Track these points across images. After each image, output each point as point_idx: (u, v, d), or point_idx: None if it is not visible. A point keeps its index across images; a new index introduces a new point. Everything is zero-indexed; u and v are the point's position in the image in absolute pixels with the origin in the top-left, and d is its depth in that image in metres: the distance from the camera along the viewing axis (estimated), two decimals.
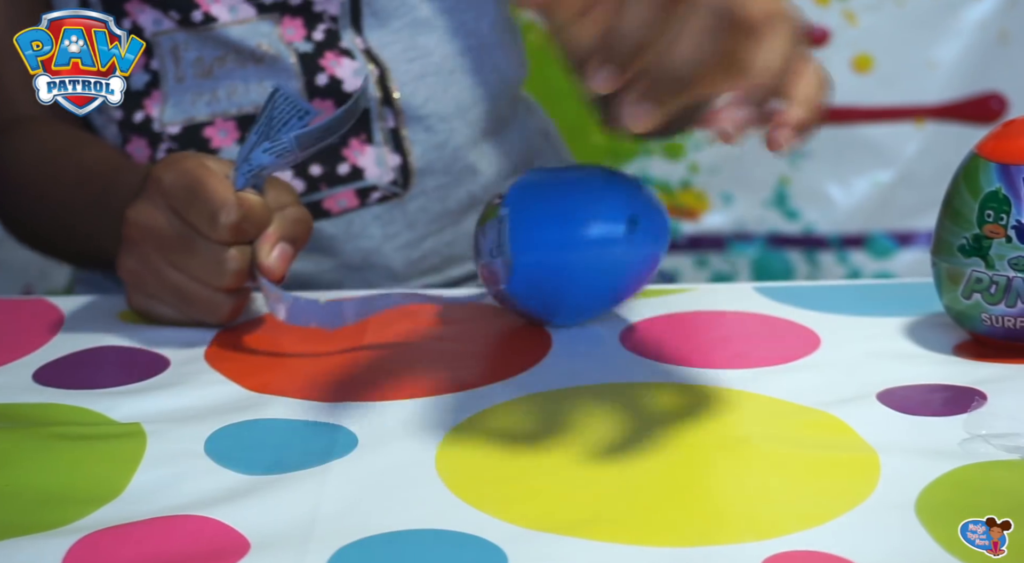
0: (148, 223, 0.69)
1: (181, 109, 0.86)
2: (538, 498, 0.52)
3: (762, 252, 1.62)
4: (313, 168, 0.87)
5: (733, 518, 0.50)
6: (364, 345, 0.69)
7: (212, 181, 0.67)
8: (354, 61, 0.86)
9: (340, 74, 0.86)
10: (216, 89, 0.86)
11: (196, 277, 0.69)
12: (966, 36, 1.54)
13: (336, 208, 0.88)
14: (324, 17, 0.86)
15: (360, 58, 0.86)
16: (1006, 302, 0.63)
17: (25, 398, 0.63)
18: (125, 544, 0.49)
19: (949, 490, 0.52)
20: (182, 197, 0.68)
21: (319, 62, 0.86)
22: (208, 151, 0.87)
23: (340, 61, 0.86)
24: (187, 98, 0.86)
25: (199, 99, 0.86)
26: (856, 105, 1.57)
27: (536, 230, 0.66)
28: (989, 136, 0.64)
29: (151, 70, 0.87)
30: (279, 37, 0.85)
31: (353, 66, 0.86)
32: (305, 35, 0.86)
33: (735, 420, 0.59)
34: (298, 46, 0.86)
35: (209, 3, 0.85)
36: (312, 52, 0.86)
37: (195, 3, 0.85)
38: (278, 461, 0.56)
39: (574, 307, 0.69)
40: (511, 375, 0.64)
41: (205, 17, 0.85)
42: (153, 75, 0.87)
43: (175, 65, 0.86)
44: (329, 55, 0.86)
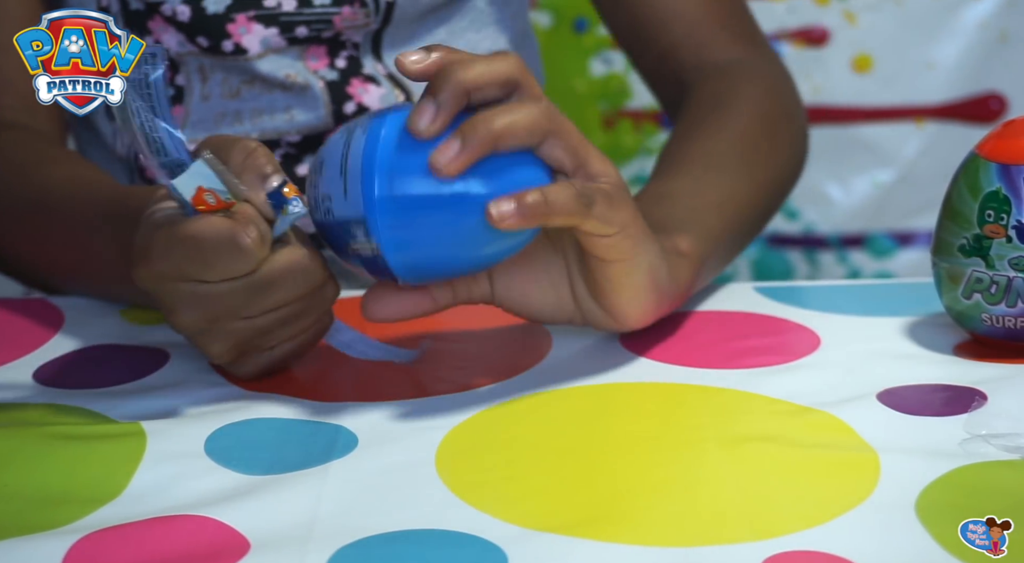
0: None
1: (204, 128, 0.86)
2: (538, 498, 0.52)
3: (762, 252, 1.62)
4: None
5: (733, 518, 0.50)
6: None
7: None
8: (380, 87, 0.86)
9: (367, 101, 0.86)
10: (241, 110, 0.86)
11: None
12: (966, 36, 1.54)
13: None
14: (347, 45, 0.86)
15: (385, 84, 0.86)
16: (1006, 302, 0.63)
17: (25, 398, 0.63)
18: (125, 544, 0.49)
19: (949, 490, 0.52)
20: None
21: (346, 90, 0.86)
22: None
23: (367, 88, 0.86)
24: (210, 118, 0.86)
25: (223, 120, 0.86)
26: (856, 105, 1.57)
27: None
28: (989, 136, 0.64)
29: (176, 85, 0.86)
30: (304, 66, 0.85)
31: (380, 92, 0.86)
32: (328, 63, 0.86)
33: (735, 420, 0.59)
34: (324, 74, 0.85)
35: (241, 34, 0.84)
36: (338, 80, 0.86)
37: (227, 32, 0.84)
38: (278, 461, 0.56)
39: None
40: (511, 375, 0.64)
41: (236, 48, 0.84)
42: (177, 90, 0.86)
43: (202, 83, 0.85)
44: (355, 82, 0.86)
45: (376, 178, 0.57)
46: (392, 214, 0.57)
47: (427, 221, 0.57)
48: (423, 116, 0.57)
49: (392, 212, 0.57)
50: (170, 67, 0.85)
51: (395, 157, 0.57)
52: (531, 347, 0.68)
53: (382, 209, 0.57)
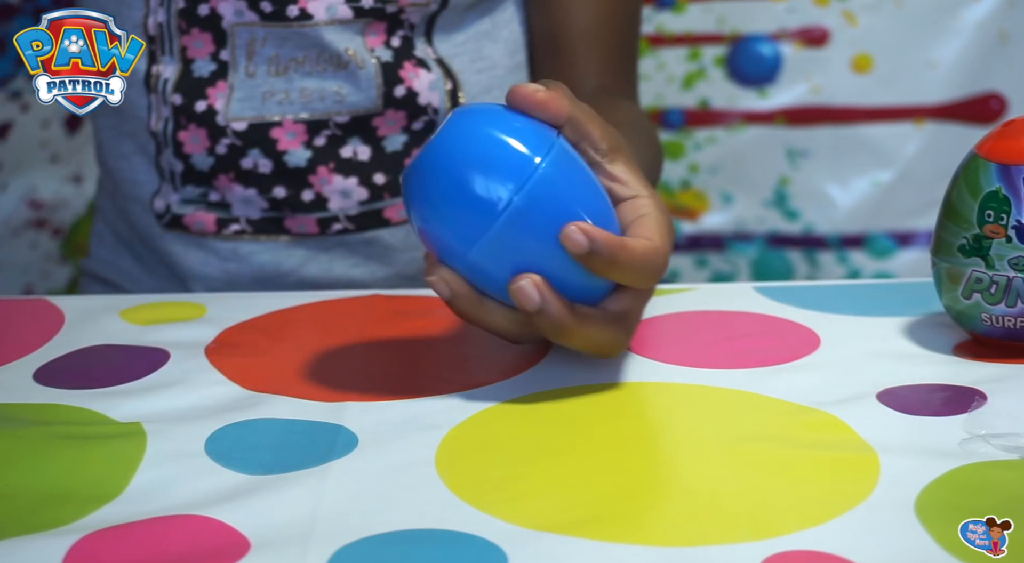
0: None
1: (250, 105, 0.86)
2: (538, 498, 0.52)
3: (762, 252, 1.62)
4: (377, 177, 0.87)
5: (733, 518, 0.50)
6: (364, 345, 0.69)
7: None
8: (430, 73, 0.87)
9: (417, 87, 0.86)
10: (289, 89, 0.86)
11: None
12: (966, 36, 1.54)
13: (397, 217, 0.88)
14: (404, 24, 0.86)
15: (435, 69, 0.87)
16: (1006, 302, 0.63)
17: (25, 398, 0.63)
18: (125, 544, 0.49)
19: (949, 490, 0.52)
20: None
21: (399, 73, 0.86)
22: (274, 153, 0.87)
23: (418, 73, 0.86)
24: (257, 94, 0.86)
25: (271, 98, 0.86)
26: (856, 105, 1.57)
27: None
28: (989, 136, 0.64)
29: (219, 59, 0.86)
30: (363, 42, 0.85)
31: (429, 78, 0.86)
32: (384, 41, 0.86)
33: (735, 420, 0.59)
34: (379, 53, 0.86)
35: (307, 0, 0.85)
36: (392, 61, 0.86)
37: None
38: (278, 461, 0.56)
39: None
40: (511, 375, 0.64)
41: (301, 13, 0.84)
42: (220, 65, 0.86)
43: (247, 59, 0.86)
44: (408, 66, 0.86)
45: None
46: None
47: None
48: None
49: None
50: (215, 41, 0.86)
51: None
52: (531, 347, 0.68)
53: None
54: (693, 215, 1.63)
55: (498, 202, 0.58)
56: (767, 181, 1.61)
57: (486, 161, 0.58)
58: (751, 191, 1.61)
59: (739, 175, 1.61)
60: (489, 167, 0.58)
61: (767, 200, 1.61)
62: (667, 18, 1.58)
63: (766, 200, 1.61)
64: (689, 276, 1.63)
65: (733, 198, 1.62)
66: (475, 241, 0.58)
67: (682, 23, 1.58)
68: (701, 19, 1.58)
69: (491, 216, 0.58)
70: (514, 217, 0.58)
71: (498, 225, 0.58)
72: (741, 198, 1.61)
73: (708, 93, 1.59)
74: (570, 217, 0.58)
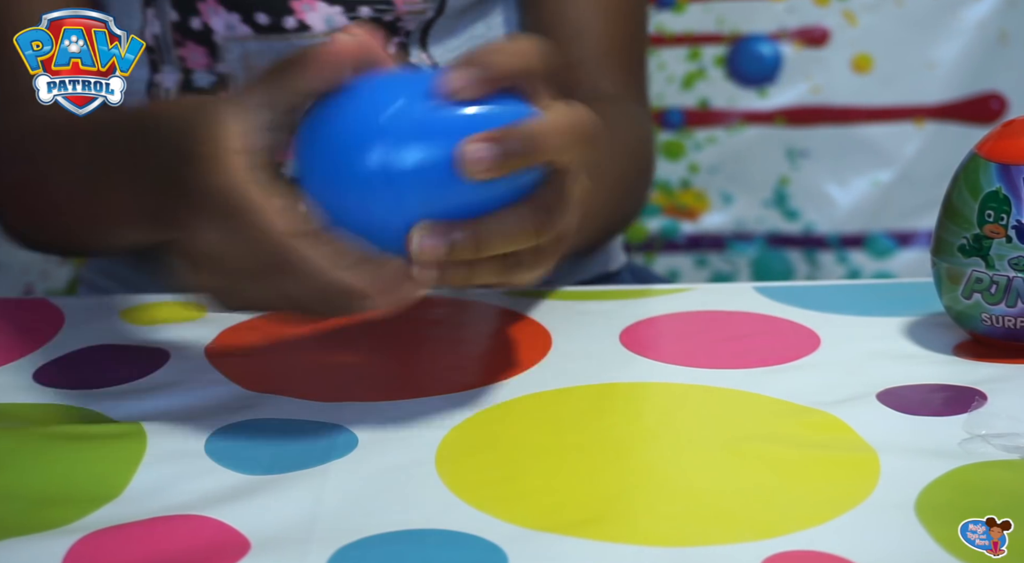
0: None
1: None
2: (538, 498, 0.52)
3: (762, 252, 1.62)
4: None
5: (733, 518, 0.50)
6: (364, 345, 0.69)
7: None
8: None
9: None
10: None
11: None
12: (966, 36, 1.54)
13: None
14: (400, 32, 0.86)
15: None
16: (1006, 302, 0.63)
17: (25, 398, 0.63)
18: (125, 544, 0.49)
19: (949, 490, 0.52)
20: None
21: None
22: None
23: None
24: None
25: None
26: (856, 105, 1.57)
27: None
28: (989, 136, 0.64)
29: (217, 72, 0.86)
30: None
31: None
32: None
33: (735, 420, 0.59)
34: None
35: (305, 11, 0.84)
36: None
37: (289, 8, 0.83)
38: (278, 461, 0.56)
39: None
40: (511, 375, 0.64)
41: (299, 25, 0.84)
42: (219, 77, 0.86)
43: (246, 73, 0.85)
44: None
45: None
46: None
47: None
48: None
49: None
50: (210, 54, 0.85)
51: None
52: (531, 347, 0.68)
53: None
54: (693, 215, 1.63)
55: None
56: (767, 181, 1.61)
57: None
58: (751, 191, 1.61)
59: (739, 175, 1.61)
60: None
61: (767, 200, 1.61)
62: (667, 18, 1.58)
63: (766, 200, 1.61)
64: (689, 276, 1.63)
65: (733, 198, 1.62)
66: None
67: (682, 23, 1.58)
68: (701, 19, 1.58)
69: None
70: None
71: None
72: (741, 198, 1.61)
73: (708, 93, 1.59)
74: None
